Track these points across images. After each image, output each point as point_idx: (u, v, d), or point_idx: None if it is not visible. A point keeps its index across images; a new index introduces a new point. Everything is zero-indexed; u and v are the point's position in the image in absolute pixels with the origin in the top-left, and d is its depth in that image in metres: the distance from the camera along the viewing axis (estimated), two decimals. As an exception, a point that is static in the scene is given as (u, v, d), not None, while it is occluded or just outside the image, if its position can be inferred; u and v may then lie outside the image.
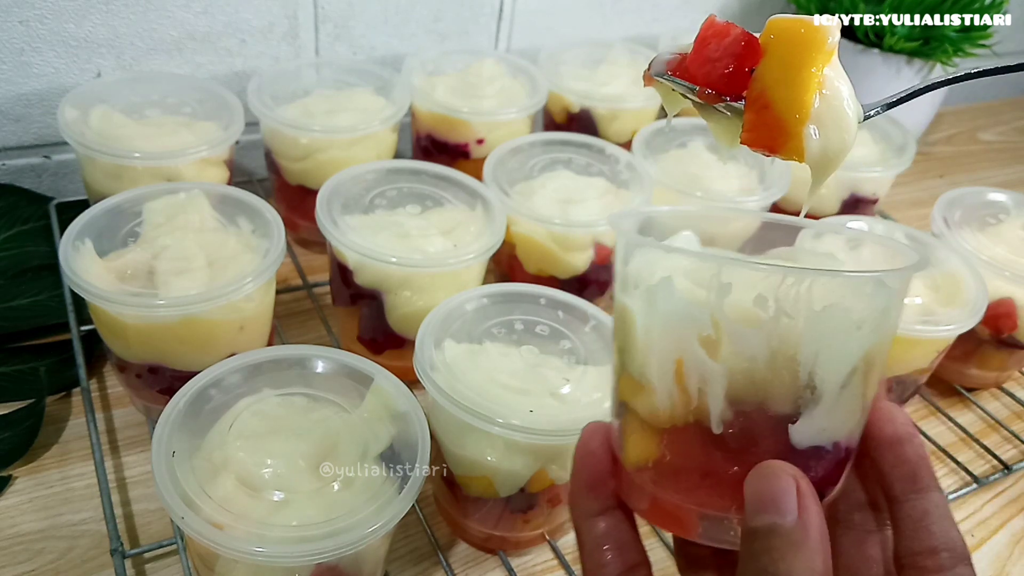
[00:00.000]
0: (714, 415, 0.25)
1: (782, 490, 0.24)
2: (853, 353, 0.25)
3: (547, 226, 0.59)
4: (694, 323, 0.25)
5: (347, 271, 0.53)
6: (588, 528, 0.30)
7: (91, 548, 0.46)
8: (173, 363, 0.49)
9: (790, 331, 0.24)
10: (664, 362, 0.26)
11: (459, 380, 0.43)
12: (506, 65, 0.76)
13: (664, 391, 0.26)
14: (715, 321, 0.25)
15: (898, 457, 0.27)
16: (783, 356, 0.24)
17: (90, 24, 0.64)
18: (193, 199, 0.52)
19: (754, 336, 0.24)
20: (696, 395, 0.25)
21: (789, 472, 0.24)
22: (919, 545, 0.26)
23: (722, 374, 0.25)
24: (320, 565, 0.37)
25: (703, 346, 0.25)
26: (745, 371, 0.25)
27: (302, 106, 0.66)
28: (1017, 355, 0.65)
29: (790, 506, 0.24)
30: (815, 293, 0.24)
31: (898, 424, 0.27)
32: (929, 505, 0.27)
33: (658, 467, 0.27)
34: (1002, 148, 1.10)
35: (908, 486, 0.27)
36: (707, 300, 0.25)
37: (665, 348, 0.26)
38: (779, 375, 0.25)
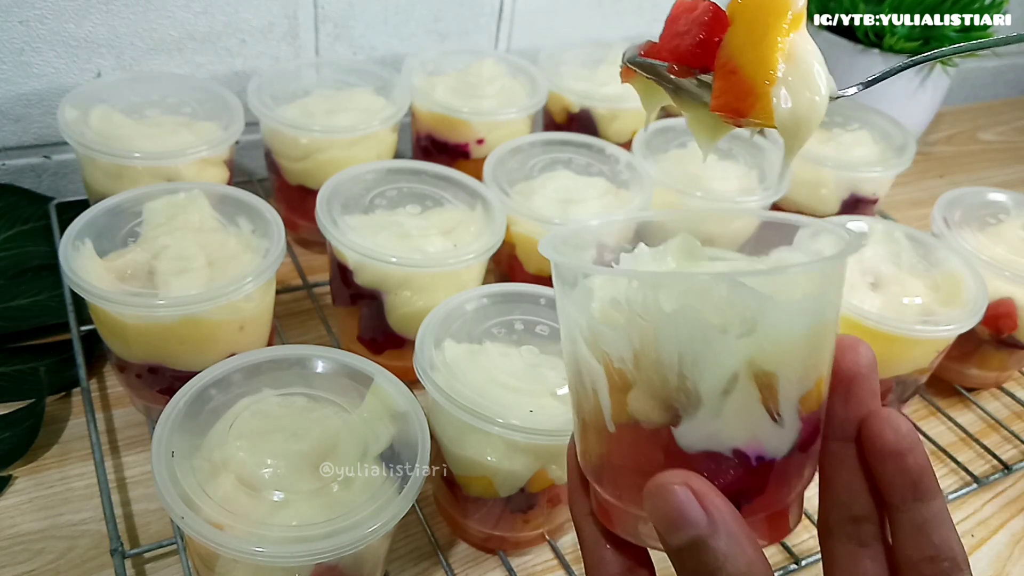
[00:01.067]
0: (606, 415, 0.26)
1: (681, 502, 0.23)
2: (726, 358, 0.24)
3: (547, 226, 0.59)
4: (577, 324, 0.26)
5: (347, 271, 0.53)
6: (585, 527, 0.30)
7: (91, 548, 0.46)
8: (173, 363, 0.49)
9: (646, 333, 0.24)
10: (571, 363, 0.28)
11: (459, 380, 0.43)
12: (506, 65, 0.76)
13: (576, 391, 0.28)
14: (588, 324, 0.26)
15: (900, 468, 0.26)
16: (647, 358, 0.24)
17: (90, 24, 0.64)
18: (193, 199, 0.52)
19: (616, 337, 0.25)
20: (592, 395, 0.26)
21: (679, 480, 0.24)
22: (919, 553, 0.26)
23: (602, 374, 0.26)
24: (320, 565, 0.37)
25: (587, 347, 0.26)
26: (619, 372, 0.25)
27: (302, 106, 0.66)
28: (1017, 355, 0.65)
29: (697, 515, 0.23)
30: (662, 295, 0.24)
31: (901, 434, 0.26)
32: (929, 513, 0.26)
33: (592, 464, 0.28)
34: (1002, 148, 1.10)
35: (910, 495, 0.26)
36: (581, 304, 0.26)
37: (568, 350, 0.28)
38: (650, 377, 0.25)
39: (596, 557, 0.29)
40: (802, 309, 0.25)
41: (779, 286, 0.25)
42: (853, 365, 0.27)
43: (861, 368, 0.27)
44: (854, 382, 0.27)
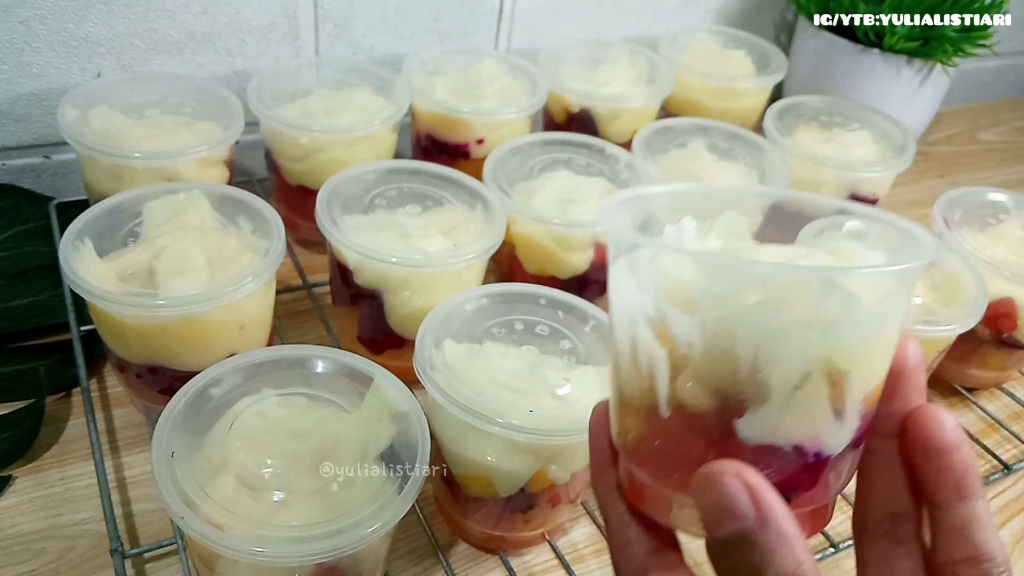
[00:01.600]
0: (661, 400, 0.25)
1: (731, 494, 0.23)
2: (802, 355, 0.23)
3: (547, 226, 0.59)
4: (642, 305, 0.25)
5: (347, 271, 0.53)
6: (611, 504, 0.28)
7: (91, 548, 0.46)
8: (173, 363, 0.49)
9: (723, 323, 0.23)
10: (625, 342, 0.26)
11: (459, 380, 0.43)
12: (506, 65, 0.76)
13: (627, 370, 0.26)
14: (657, 305, 0.24)
15: (945, 465, 0.26)
16: (719, 348, 0.24)
17: (90, 24, 0.64)
18: (193, 199, 0.52)
19: (689, 324, 0.24)
20: (647, 377, 0.25)
21: (731, 471, 0.23)
22: (960, 553, 0.25)
23: (664, 359, 0.25)
24: (320, 565, 0.37)
25: (651, 328, 0.25)
26: (684, 358, 0.24)
27: (302, 106, 0.66)
28: (1017, 355, 0.65)
29: (746, 507, 0.22)
30: (749, 285, 0.23)
31: (947, 431, 0.26)
32: (972, 513, 0.25)
33: (632, 444, 0.27)
34: (1002, 148, 1.10)
35: (953, 494, 0.26)
36: (649, 284, 0.25)
37: (625, 328, 0.26)
38: (719, 366, 0.24)
39: (622, 537, 0.28)
40: (883, 310, 0.24)
41: (865, 285, 0.25)
42: (902, 360, 0.27)
43: (909, 363, 0.27)
44: (901, 377, 0.27)
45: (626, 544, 0.28)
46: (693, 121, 0.75)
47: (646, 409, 0.26)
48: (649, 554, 0.27)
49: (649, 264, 0.25)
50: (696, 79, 0.83)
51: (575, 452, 0.44)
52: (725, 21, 0.98)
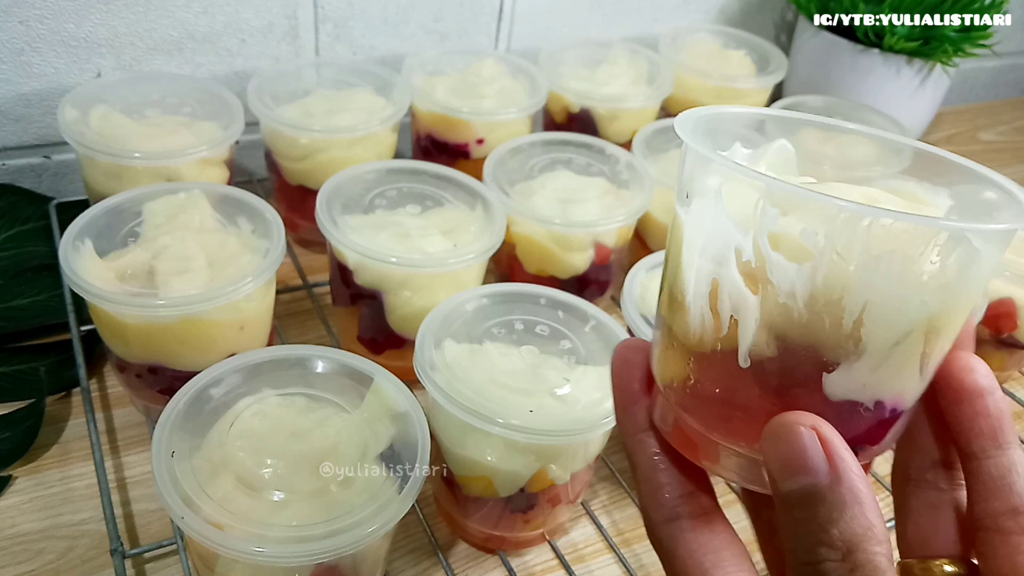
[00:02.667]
0: (743, 347, 0.23)
1: (804, 447, 0.21)
2: (913, 312, 0.22)
3: (547, 226, 0.59)
4: (736, 246, 0.23)
5: (347, 271, 0.53)
6: (638, 445, 0.27)
7: (91, 548, 0.46)
8: (173, 363, 0.49)
9: (838, 273, 0.21)
10: (700, 282, 0.24)
11: (459, 380, 0.43)
12: (506, 65, 0.76)
13: (697, 312, 0.24)
14: (757, 248, 0.22)
15: (978, 411, 0.25)
16: (826, 299, 0.22)
17: (90, 24, 0.64)
18: (193, 199, 0.52)
19: (796, 272, 0.22)
20: (728, 323, 0.23)
21: (807, 423, 0.22)
22: (1002, 504, 0.24)
23: (756, 306, 0.23)
24: (320, 565, 0.37)
25: (742, 272, 0.23)
26: (782, 307, 0.22)
27: (302, 106, 0.66)
28: (1017, 355, 0.65)
29: (819, 461, 0.21)
30: (874, 234, 0.21)
31: (979, 375, 0.25)
32: (1012, 462, 0.24)
33: (684, 389, 0.26)
34: (1002, 148, 1.10)
35: (989, 442, 0.25)
36: (753, 223, 0.22)
37: (704, 267, 0.24)
38: (819, 318, 0.22)
39: (652, 481, 0.26)
40: (994, 268, 0.23)
41: (989, 241, 0.22)
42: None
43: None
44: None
45: (657, 488, 0.26)
46: (693, 121, 0.75)
47: (718, 356, 0.24)
48: (682, 499, 0.26)
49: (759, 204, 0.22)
50: (696, 79, 0.83)
51: (575, 452, 0.44)
52: (725, 21, 0.98)
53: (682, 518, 0.25)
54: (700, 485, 0.26)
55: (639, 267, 0.55)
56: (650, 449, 0.27)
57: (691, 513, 0.25)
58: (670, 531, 0.25)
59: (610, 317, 0.49)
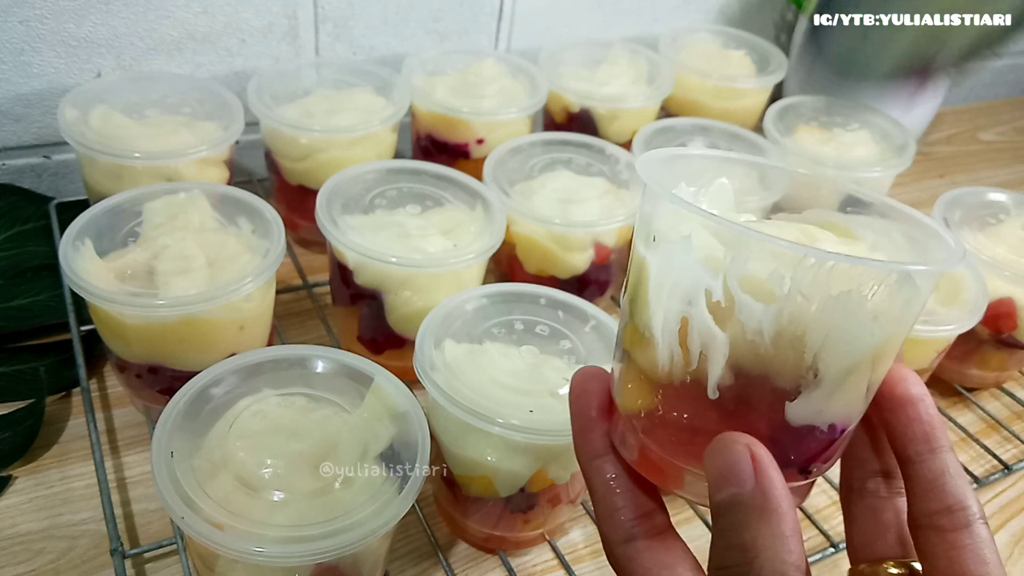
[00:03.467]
0: (711, 380, 0.25)
1: (735, 460, 0.24)
2: (864, 343, 0.24)
3: (547, 226, 0.59)
4: (706, 287, 0.24)
5: (347, 271, 0.53)
6: (595, 471, 0.28)
7: (91, 548, 0.46)
8: (173, 363, 0.49)
9: (802, 312, 0.24)
10: (669, 320, 0.26)
11: (459, 380, 0.43)
12: (506, 65, 0.76)
13: (666, 348, 0.26)
14: (727, 289, 0.24)
15: (911, 417, 0.27)
16: (790, 335, 0.24)
17: (90, 24, 0.64)
18: (193, 199, 0.52)
19: (764, 312, 0.24)
20: (697, 358, 0.25)
21: (742, 441, 0.24)
22: (936, 504, 0.26)
23: (725, 343, 0.24)
24: (320, 565, 0.37)
25: (711, 311, 0.25)
26: (750, 344, 0.24)
27: (302, 106, 0.66)
28: (1017, 355, 0.65)
29: (746, 475, 0.23)
30: (835, 277, 0.23)
31: (910, 384, 0.27)
32: (944, 465, 0.26)
33: (650, 418, 0.27)
34: (1002, 148, 1.10)
35: (923, 446, 0.27)
36: (722, 267, 0.24)
37: (673, 307, 0.25)
38: (783, 353, 0.24)
39: (608, 504, 0.28)
40: (926, 300, 0.26)
41: (928, 279, 0.25)
42: None
43: None
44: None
45: (613, 511, 0.28)
46: (693, 121, 0.75)
47: (686, 388, 0.26)
48: (637, 520, 0.27)
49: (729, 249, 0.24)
50: (696, 79, 0.83)
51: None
52: (725, 21, 0.98)
53: (638, 538, 0.27)
54: (654, 505, 0.28)
55: (639, 267, 0.55)
56: (606, 474, 0.28)
57: (646, 533, 0.27)
58: (627, 551, 0.27)
59: (610, 317, 0.49)
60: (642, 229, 0.27)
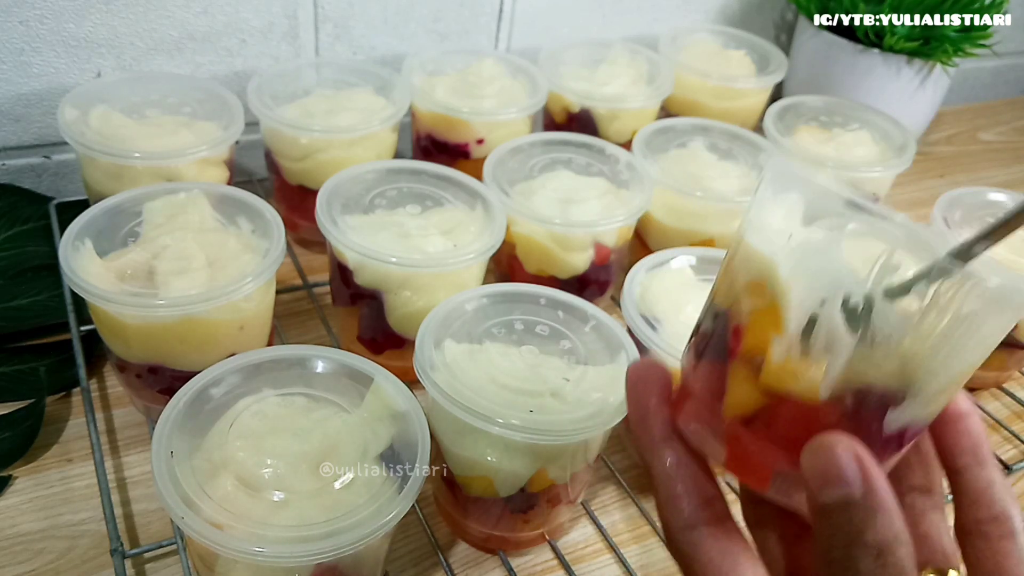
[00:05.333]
0: (827, 382, 0.25)
1: (843, 462, 0.24)
2: (972, 360, 0.26)
3: (547, 226, 0.59)
4: (846, 291, 0.24)
5: (347, 271, 0.53)
6: (657, 458, 0.29)
7: (91, 548, 0.46)
8: (173, 363, 0.49)
9: (932, 326, 0.24)
10: (796, 316, 0.25)
11: (459, 380, 0.43)
12: (506, 65, 0.76)
13: (784, 345, 0.26)
14: (868, 295, 0.24)
15: (961, 430, 0.28)
16: (914, 347, 0.24)
17: (90, 24, 0.64)
18: (193, 199, 0.52)
19: (898, 322, 0.24)
20: (819, 357, 0.25)
21: (844, 442, 0.24)
22: (985, 513, 0.27)
23: (850, 346, 0.24)
24: (320, 565, 0.37)
25: (845, 313, 0.24)
26: (877, 349, 0.24)
27: (302, 106, 0.66)
28: (1017, 355, 0.65)
29: (853, 476, 0.24)
30: (971, 296, 0.23)
31: (960, 399, 0.29)
32: (992, 476, 0.28)
33: (750, 416, 0.27)
34: (1002, 148, 1.10)
35: (971, 459, 0.28)
36: (869, 273, 0.24)
37: (807, 302, 0.25)
38: (904, 361, 0.24)
39: (670, 490, 0.28)
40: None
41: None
42: None
43: None
44: None
45: (675, 497, 0.28)
46: (693, 121, 0.75)
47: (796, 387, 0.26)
48: (698, 507, 0.28)
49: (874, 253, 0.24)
50: (696, 79, 0.83)
51: (575, 452, 0.44)
52: (725, 21, 0.98)
53: (700, 525, 0.27)
54: (716, 492, 0.28)
55: (639, 267, 0.55)
56: (667, 460, 0.28)
57: (708, 520, 0.27)
58: (690, 538, 0.27)
59: (610, 317, 0.49)
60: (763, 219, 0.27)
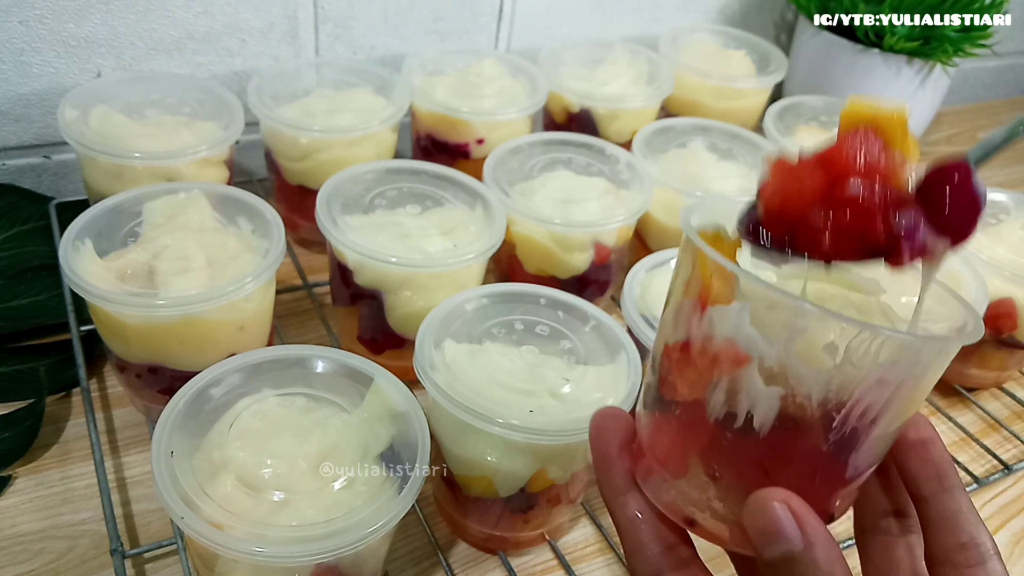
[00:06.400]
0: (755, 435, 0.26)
1: (779, 518, 0.25)
2: (907, 406, 0.26)
3: (547, 226, 0.59)
4: (757, 351, 0.25)
5: (347, 271, 0.53)
6: (620, 507, 0.30)
7: (91, 548, 0.46)
8: (173, 363, 0.49)
9: (850, 380, 0.25)
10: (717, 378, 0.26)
11: (459, 380, 0.43)
12: (506, 65, 0.76)
13: (714, 406, 0.27)
14: (782, 359, 0.25)
15: (924, 459, 0.28)
16: (838, 400, 0.25)
17: (90, 24, 0.64)
18: (193, 199, 0.52)
19: (814, 377, 0.25)
20: (743, 417, 0.26)
21: (778, 498, 0.25)
22: (951, 541, 0.27)
23: (775, 402, 0.25)
24: (320, 565, 0.37)
25: (765, 377, 0.26)
26: (798, 406, 0.25)
27: (302, 106, 0.66)
28: (1017, 355, 0.65)
29: (791, 531, 0.24)
30: (884, 349, 0.24)
31: (921, 428, 0.29)
32: (958, 504, 0.28)
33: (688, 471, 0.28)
34: (1002, 148, 1.10)
35: (936, 486, 0.28)
36: (778, 336, 0.25)
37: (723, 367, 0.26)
38: (829, 415, 0.25)
39: (635, 539, 0.29)
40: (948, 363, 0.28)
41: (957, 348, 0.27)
42: None
43: None
44: None
45: (640, 545, 0.29)
46: (693, 121, 0.75)
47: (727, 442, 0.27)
48: (663, 553, 0.29)
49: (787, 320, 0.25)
50: (696, 79, 0.83)
51: (575, 452, 0.44)
52: (725, 21, 0.98)
53: (665, 571, 0.28)
54: (678, 538, 0.29)
55: (639, 267, 0.55)
56: (631, 510, 0.29)
57: (672, 566, 0.29)
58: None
59: (610, 317, 0.49)
60: (692, 287, 0.28)
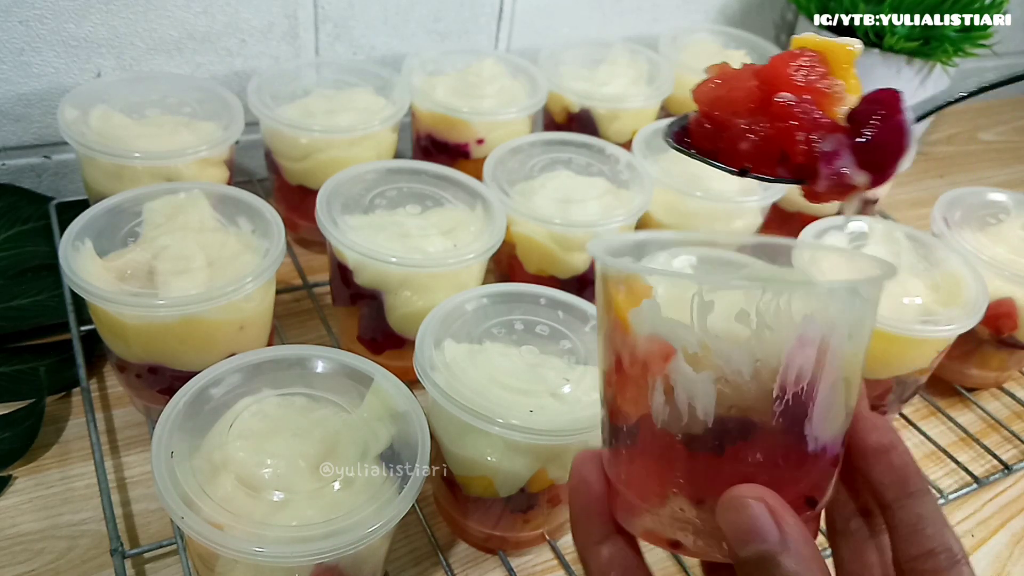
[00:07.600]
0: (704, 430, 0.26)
1: (754, 516, 0.24)
2: (840, 364, 0.26)
3: (547, 226, 0.59)
4: (678, 341, 0.25)
5: (347, 271, 0.53)
6: (592, 556, 0.29)
7: (91, 548, 0.46)
8: (173, 363, 0.49)
9: (772, 343, 0.25)
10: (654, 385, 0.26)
11: (459, 380, 0.43)
12: (506, 65, 0.76)
13: (658, 413, 0.26)
14: (701, 339, 0.25)
15: (885, 465, 0.28)
16: (768, 368, 0.25)
17: (90, 24, 0.64)
18: (193, 199, 0.52)
19: (736, 350, 0.25)
20: (686, 412, 0.26)
21: (754, 495, 0.24)
22: (916, 549, 0.27)
23: (710, 387, 0.25)
24: (320, 565, 0.37)
25: (691, 364, 0.25)
26: (733, 384, 0.25)
27: (302, 106, 0.66)
28: (1017, 355, 0.65)
29: (769, 529, 0.24)
30: (794, 305, 0.24)
31: (881, 433, 0.28)
32: (922, 509, 0.27)
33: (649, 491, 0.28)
34: (1002, 148, 1.10)
35: (899, 492, 0.27)
36: (691, 319, 0.25)
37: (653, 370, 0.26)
38: (767, 387, 0.25)
39: None
40: (875, 313, 0.27)
41: (874, 293, 0.27)
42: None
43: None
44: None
45: None
46: (693, 121, 0.75)
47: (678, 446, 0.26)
48: None
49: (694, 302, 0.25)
50: (696, 79, 0.82)
51: (575, 452, 0.44)
52: (725, 21, 0.98)
53: None
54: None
55: (639, 267, 0.55)
56: (602, 560, 0.29)
57: None
58: None
59: (610, 317, 0.49)
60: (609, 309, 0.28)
